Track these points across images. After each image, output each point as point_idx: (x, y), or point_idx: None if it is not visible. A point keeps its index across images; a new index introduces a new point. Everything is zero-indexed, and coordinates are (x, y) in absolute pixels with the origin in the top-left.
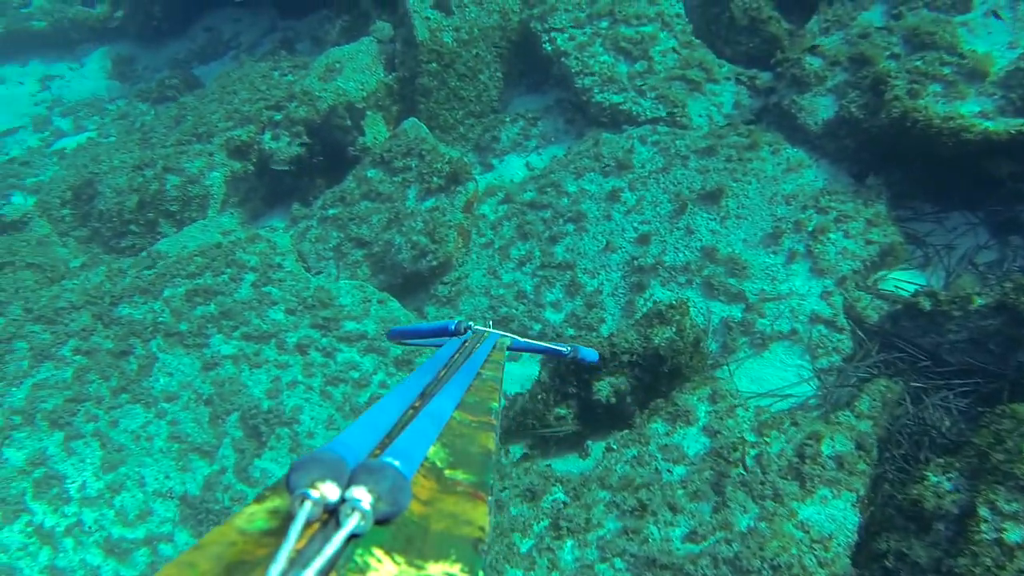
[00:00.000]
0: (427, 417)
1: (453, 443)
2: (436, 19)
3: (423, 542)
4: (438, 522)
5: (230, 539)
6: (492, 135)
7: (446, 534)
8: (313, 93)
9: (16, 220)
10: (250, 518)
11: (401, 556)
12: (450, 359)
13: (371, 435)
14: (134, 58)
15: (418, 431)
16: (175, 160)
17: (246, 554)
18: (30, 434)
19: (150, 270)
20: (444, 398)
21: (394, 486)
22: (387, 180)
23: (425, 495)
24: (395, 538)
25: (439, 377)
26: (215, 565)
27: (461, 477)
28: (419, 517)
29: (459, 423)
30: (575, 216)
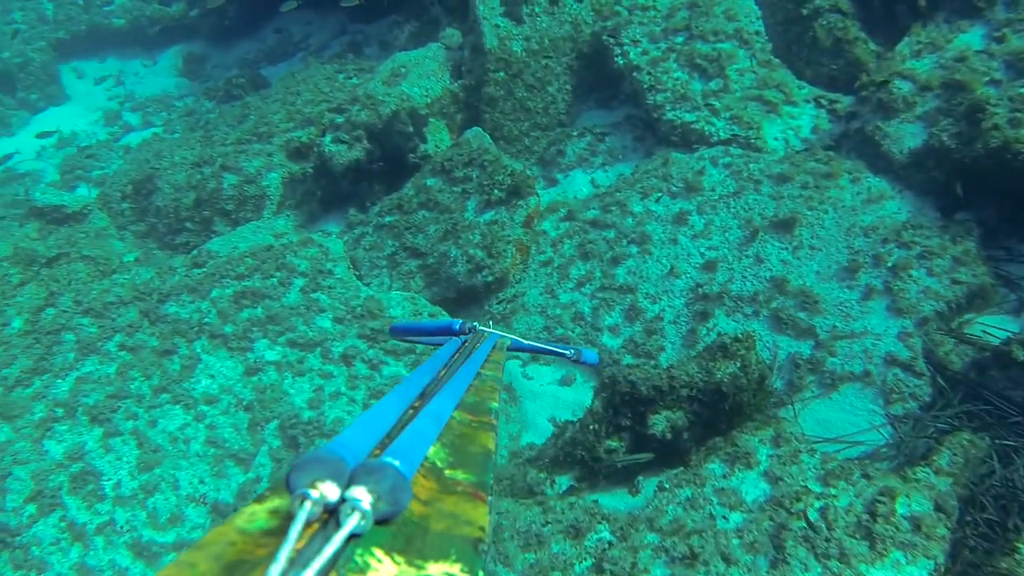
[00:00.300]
0: (427, 417)
1: (453, 443)
2: (506, 27)
3: (423, 542)
4: (438, 522)
5: (230, 539)
6: (557, 149)
7: (446, 534)
8: (376, 97)
9: (76, 212)
10: (250, 518)
11: (401, 556)
12: (450, 359)
13: (371, 435)
14: (205, 57)
15: (418, 431)
16: (233, 159)
17: (246, 554)
18: (71, 428)
19: (199, 269)
20: (444, 398)
21: (394, 486)
22: (446, 190)
23: (425, 495)
24: (395, 538)
25: (439, 377)
26: (215, 565)
27: (461, 477)
28: (419, 517)
29: (459, 423)
30: (639, 238)
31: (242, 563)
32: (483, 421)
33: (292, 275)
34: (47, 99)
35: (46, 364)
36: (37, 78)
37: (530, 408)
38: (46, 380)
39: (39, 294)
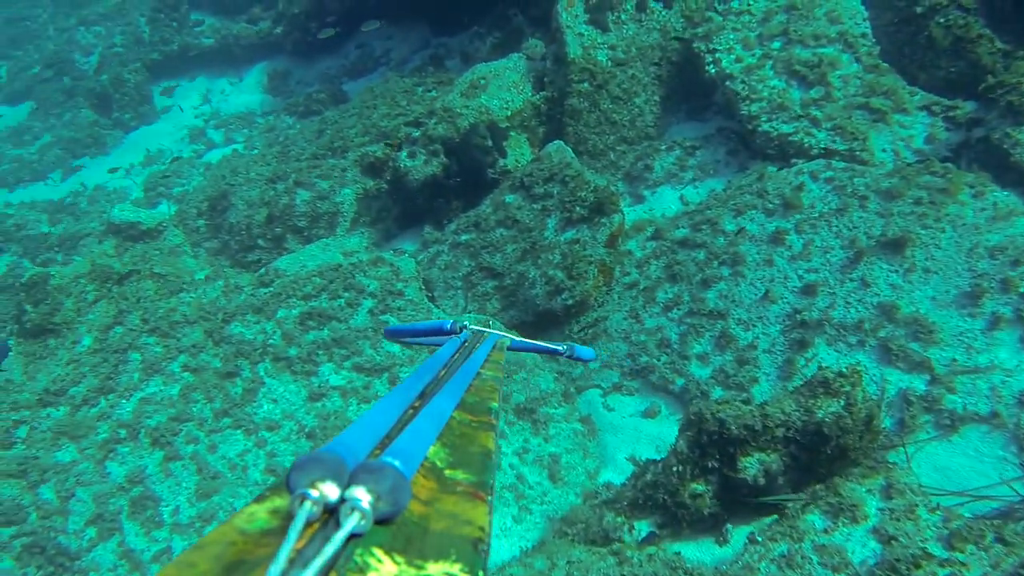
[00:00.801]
0: (427, 417)
1: (453, 443)
2: (590, 36)
3: (423, 542)
4: (438, 522)
5: (230, 539)
6: (645, 164)
7: (446, 534)
8: (454, 110)
9: (152, 228)
10: (250, 518)
11: (401, 556)
12: (450, 359)
13: (371, 435)
14: (288, 73)
15: (418, 431)
16: (307, 174)
17: (246, 554)
18: (133, 450)
19: (266, 288)
20: (444, 398)
21: (394, 486)
22: (526, 207)
23: (425, 495)
24: (395, 538)
25: (439, 377)
26: (215, 565)
27: (461, 477)
28: (419, 517)
29: (459, 423)
30: (732, 259)
31: (242, 563)
32: (483, 421)
33: (361, 296)
34: (139, 119)
35: (112, 383)
36: (131, 98)
37: (610, 442)
38: (111, 400)
39: (109, 312)
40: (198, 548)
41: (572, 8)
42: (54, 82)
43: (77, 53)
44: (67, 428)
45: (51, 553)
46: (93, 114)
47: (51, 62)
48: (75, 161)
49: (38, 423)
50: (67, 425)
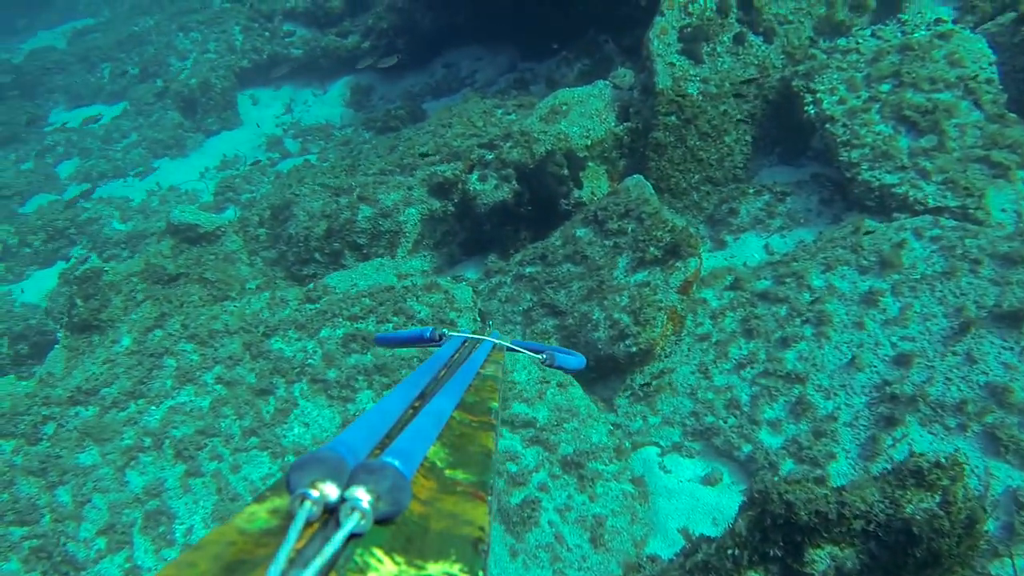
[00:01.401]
0: (427, 417)
1: (453, 443)
2: (682, 66)
3: (423, 542)
4: (438, 522)
5: (230, 539)
6: (730, 207)
7: (446, 534)
8: (531, 135)
9: (209, 232)
10: (250, 518)
11: (401, 556)
12: (449, 359)
13: (371, 435)
14: (372, 88)
15: (418, 431)
16: (371, 190)
17: (246, 553)
18: (155, 460)
19: (312, 304)
20: (444, 398)
21: (394, 486)
22: (597, 243)
23: (425, 495)
24: (395, 538)
25: (439, 377)
26: (215, 565)
27: (461, 477)
28: (419, 517)
29: (459, 423)
30: (816, 317)
31: (242, 563)
32: (483, 421)
33: (410, 322)
34: (222, 123)
35: (144, 388)
36: (216, 103)
37: (662, 508)
38: (141, 405)
39: (151, 313)
40: (198, 548)
41: (665, 36)
42: (148, 84)
43: (173, 57)
44: (93, 430)
45: (57, 560)
46: (179, 116)
47: (148, 65)
48: (155, 161)
49: (66, 421)
50: (94, 427)
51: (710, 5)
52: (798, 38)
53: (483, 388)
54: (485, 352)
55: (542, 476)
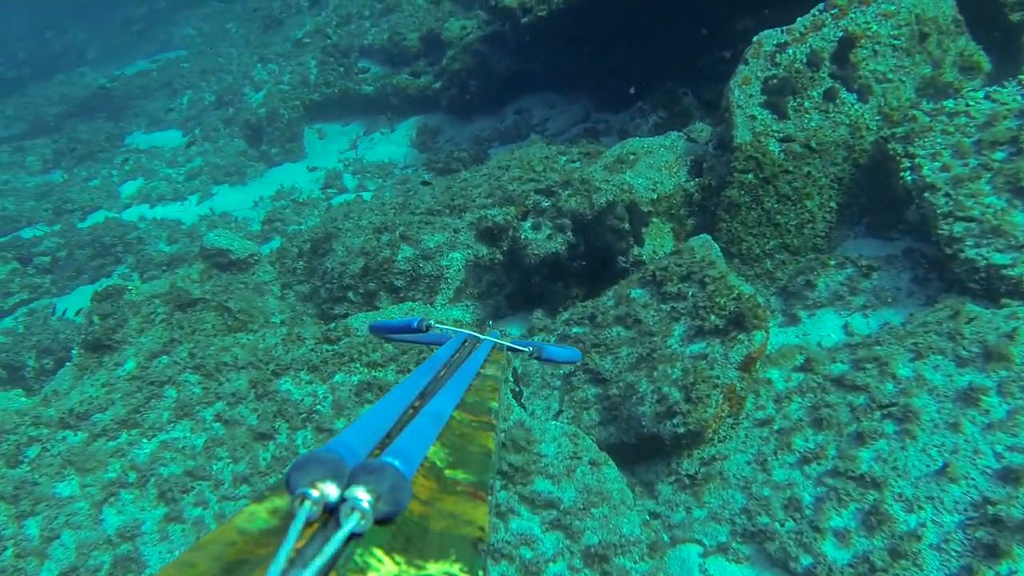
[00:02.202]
0: (427, 417)
1: (453, 443)
2: (764, 120)
3: (423, 542)
4: (438, 522)
5: (229, 539)
6: (806, 279)
7: (446, 534)
8: (593, 183)
9: (240, 259)
10: (250, 517)
11: (401, 556)
12: (449, 359)
13: (371, 435)
14: (440, 130)
15: (418, 431)
16: (415, 229)
17: (246, 553)
18: (136, 498)
19: (330, 346)
20: (444, 398)
21: (394, 486)
22: (653, 306)
23: (425, 495)
24: (395, 538)
25: (439, 377)
26: (214, 565)
27: (461, 477)
28: (419, 517)
29: (459, 423)
30: (901, 413)
31: (242, 563)
32: (483, 421)
33: None
34: (285, 154)
35: (138, 418)
36: (282, 133)
37: None
38: (132, 436)
39: (160, 338)
40: (198, 548)
41: (747, 86)
42: (221, 111)
43: (248, 87)
44: (78, 458)
45: None
46: (244, 144)
47: (224, 93)
48: (214, 187)
49: (52, 445)
50: (79, 454)
51: (800, 56)
52: (897, 98)
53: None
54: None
55: (559, 568)
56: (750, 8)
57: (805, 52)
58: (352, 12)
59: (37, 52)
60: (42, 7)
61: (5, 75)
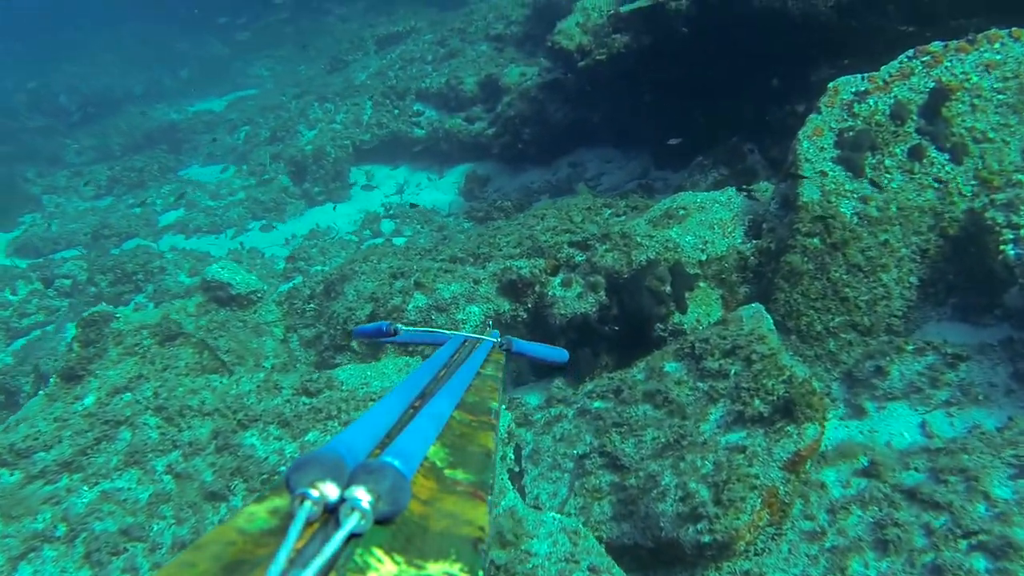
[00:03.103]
0: (427, 417)
1: (453, 443)
2: (836, 178)
3: (423, 542)
4: (438, 522)
5: (230, 539)
6: (877, 365)
7: (446, 534)
8: (633, 238)
9: (241, 295)
10: (250, 518)
11: (401, 555)
12: (449, 359)
13: (371, 435)
14: (489, 179)
15: (418, 431)
16: (431, 277)
17: (246, 553)
18: (58, 557)
19: (309, 399)
20: (444, 398)
21: (394, 486)
22: (687, 383)
23: (425, 495)
24: (395, 538)
25: (438, 377)
26: (214, 565)
27: (461, 477)
28: (419, 517)
29: (459, 423)
30: (996, 545)
31: (242, 563)
32: (483, 421)
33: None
34: (328, 194)
35: (84, 461)
36: (327, 172)
37: None
38: (73, 482)
39: (128, 372)
40: (198, 548)
41: (819, 138)
42: (270, 146)
43: (303, 125)
44: (6, 502)
45: None
46: (288, 181)
47: (278, 130)
48: (251, 222)
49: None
50: (8, 498)
51: (882, 108)
52: (999, 161)
53: (483, 388)
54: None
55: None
56: (828, 57)
57: (889, 103)
58: (416, 56)
59: (118, 86)
60: (120, 46)
61: (73, 115)
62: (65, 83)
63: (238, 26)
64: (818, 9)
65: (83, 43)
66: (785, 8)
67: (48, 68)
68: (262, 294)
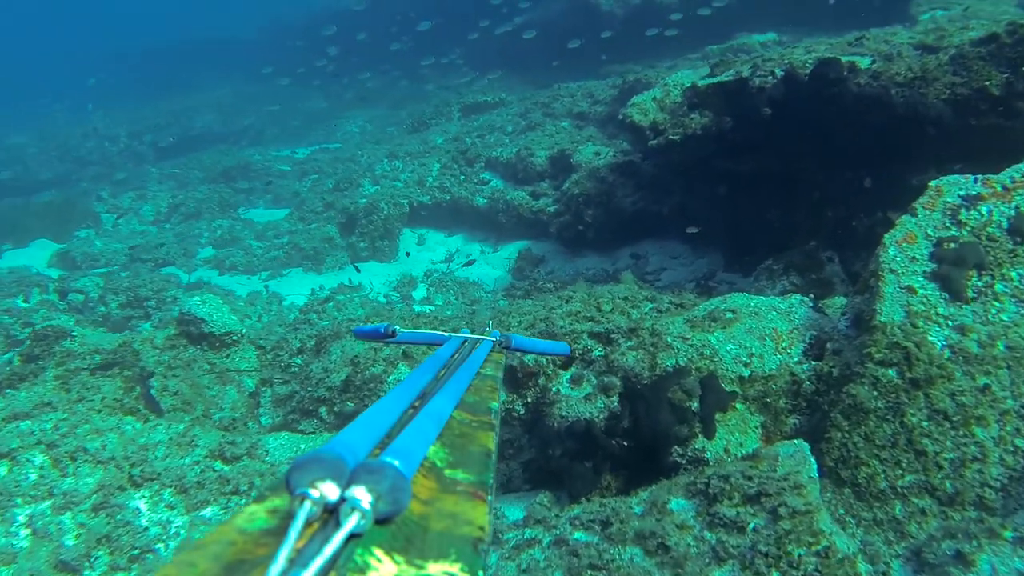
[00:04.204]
0: (427, 417)
1: (453, 443)
2: (928, 298)
3: (423, 542)
4: (438, 522)
5: (230, 538)
6: (958, 549)
7: (446, 534)
8: (663, 338)
9: (214, 335)
10: (250, 517)
11: (401, 555)
12: (449, 359)
13: (371, 435)
14: (544, 260)
15: (418, 431)
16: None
17: (246, 553)
18: None
19: (223, 464)
20: (444, 398)
21: (394, 485)
22: (693, 527)
23: (425, 495)
24: (395, 538)
25: (438, 377)
26: (214, 564)
27: (461, 477)
28: (419, 517)
29: (459, 423)
30: None
31: (242, 562)
32: (483, 421)
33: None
34: (373, 251)
35: None
36: (376, 228)
37: None
38: None
39: (39, 397)
40: (198, 547)
41: (910, 246)
42: (326, 194)
43: (367, 180)
44: None
45: None
46: (335, 231)
47: (342, 181)
48: (287, 268)
49: None
50: None
51: (998, 219)
52: None
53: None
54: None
55: None
56: (935, 159)
57: (1008, 214)
58: (496, 126)
59: (217, 129)
60: (235, 91)
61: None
62: (171, 114)
63: (344, 84)
64: (928, 102)
65: (199, 83)
66: (888, 98)
67: (161, 100)
68: (239, 337)
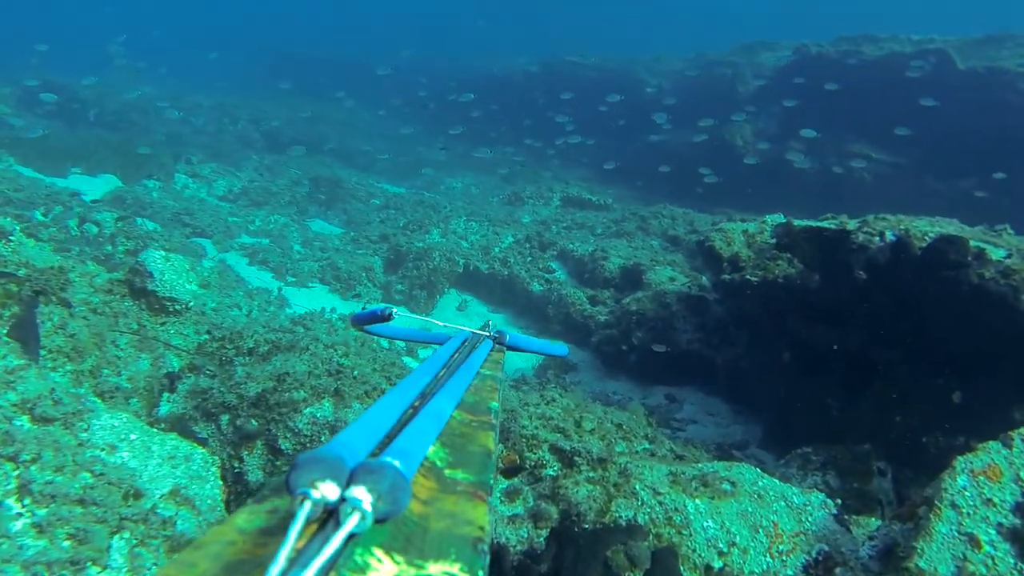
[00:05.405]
0: (427, 417)
1: (453, 443)
2: (994, 561)
3: (423, 542)
4: (438, 522)
5: (230, 538)
6: None
7: (446, 534)
8: (631, 483)
9: (158, 295)
10: (250, 517)
11: (401, 556)
12: (449, 359)
13: (371, 435)
14: (575, 368)
15: (418, 431)
16: (359, 390)
17: (246, 553)
18: None
19: (32, 424)
20: (444, 398)
21: (394, 485)
22: None
23: (425, 495)
24: (395, 538)
25: (438, 377)
26: (214, 564)
27: (461, 477)
28: (419, 517)
29: (459, 423)
30: None
31: (242, 563)
32: (483, 421)
33: None
34: (408, 299)
35: None
36: (420, 275)
37: None
38: None
39: None
40: (198, 547)
41: (991, 482)
42: (383, 224)
43: (437, 230)
44: None
45: None
46: (379, 264)
47: (413, 224)
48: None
49: None
50: None
51: None
52: None
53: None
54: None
55: None
56: None
57: None
58: (588, 224)
59: (333, 144)
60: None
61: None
62: (302, 121)
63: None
64: None
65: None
66: (1016, 303)
67: (296, 99)
68: (182, 307)
